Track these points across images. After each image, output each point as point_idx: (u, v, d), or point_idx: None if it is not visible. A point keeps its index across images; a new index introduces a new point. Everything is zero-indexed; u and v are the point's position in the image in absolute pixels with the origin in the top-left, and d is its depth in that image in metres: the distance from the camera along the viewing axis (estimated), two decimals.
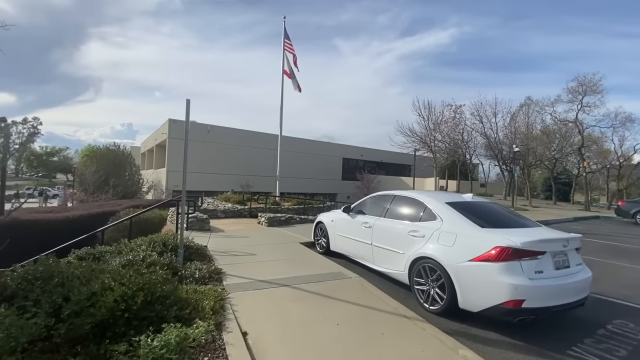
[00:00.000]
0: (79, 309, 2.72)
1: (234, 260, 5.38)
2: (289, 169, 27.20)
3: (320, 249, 6.50)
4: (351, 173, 34.46)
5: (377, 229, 4.87)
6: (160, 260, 4.20)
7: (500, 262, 3.26)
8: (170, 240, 5.09)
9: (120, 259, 3.98)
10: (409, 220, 4.44)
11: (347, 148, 36.52)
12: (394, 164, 39.47)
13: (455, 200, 4.39)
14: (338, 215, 6.03)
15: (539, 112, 28.34)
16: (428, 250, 3.90)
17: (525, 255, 3.28)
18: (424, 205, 4.39)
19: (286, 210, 12.46)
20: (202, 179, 25.46)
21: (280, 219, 9.86)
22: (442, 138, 21.80)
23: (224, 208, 11.99)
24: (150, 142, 32.91)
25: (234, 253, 5.88)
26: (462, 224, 3.83)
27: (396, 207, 4.86)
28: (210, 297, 3.40)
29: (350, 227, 5.57)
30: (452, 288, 3.56)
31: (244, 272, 4.64)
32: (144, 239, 5.11)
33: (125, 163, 24.83)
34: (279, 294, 3.89)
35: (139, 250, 4.59)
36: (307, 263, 5.37)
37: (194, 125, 26.91)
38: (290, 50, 17.17)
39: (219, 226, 9.14)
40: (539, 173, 38.70)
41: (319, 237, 6.64)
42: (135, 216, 7.66)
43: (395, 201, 4.94)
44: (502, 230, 3.67)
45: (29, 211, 8.82)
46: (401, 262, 4.27)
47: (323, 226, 6.49)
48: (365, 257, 5.13)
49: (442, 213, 4.09)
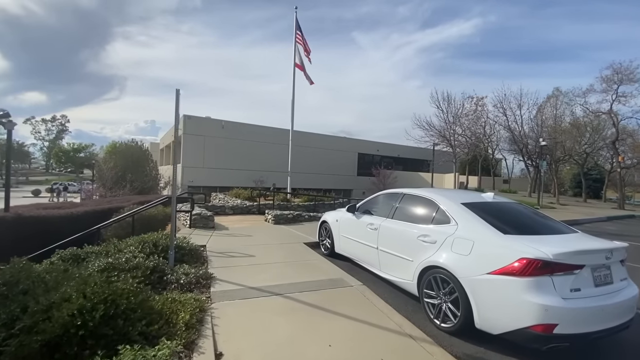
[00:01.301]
0: (32, 323, 2.41)
1: (230, 263, 5.03)
2: (302, 164, 26.84)
3: (325, 251, 6.06)
4: (367, 168, 33.69)
5: (383, 231, 4.37)
6: (145, 264, 3.89)
7: (526, 276, 2.70)
8: (162, 241, 4.78)
9: (100, 262, 3.69)
10: (419, 223, 3.91)
11: (363, 143, 35.73)
12: (412, 159, 38.32)
13: (473, 200, 3.81)
14: (343, 215, 5.55)
15: (568, 103, 26.58)
16: (440, 259, 3.37)
17: (558, 269, 2.70)
18: (436, 206, 3.84)
19: (296, 207, 12.08)
20: (216, 175, 25.56)
21: (287, 217, 9.48)
22: (463, 132, 20.70)
23: (232, 204, 11.75)
24: (167, 138, 33.42)
25: (232, 254, 5.53)
26: (480, 229, 3.28)
27: (405, 207, 4.33)
28: (189, 308, 3.03)
29: (355, 228, 5.09)
30: (468, 304, 3.03)
31: (236, 277, 4.27)
32: (136, 239, 4.84)
33: (143, 159, 25.22)
34: (268, 304, 3.48)
35: (126, 251, 4.30)
36: (307, 267, 4.95)
37: (208, 121, 27.09)
38: (301, 42, 16.67)
39: (225, 223, 8.87)
40: (567, 168, 36.54)
41: (324, 237, 6.20)
42: (137, 213, 7.48)
43: (404, 200, 4.41)
44: (529, 238, 3.09)
45: (37, 207, 8.86)
46: (409, 271, 3.76)
47: (328, 226, 6.04)
48: (371, 262, 4.64)
49: (457, 215, 3.54)
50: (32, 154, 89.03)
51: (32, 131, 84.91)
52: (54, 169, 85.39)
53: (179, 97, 4.58)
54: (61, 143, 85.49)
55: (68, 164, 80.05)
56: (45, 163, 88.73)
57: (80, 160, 77.52)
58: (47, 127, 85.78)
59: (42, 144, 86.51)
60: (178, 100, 4.50)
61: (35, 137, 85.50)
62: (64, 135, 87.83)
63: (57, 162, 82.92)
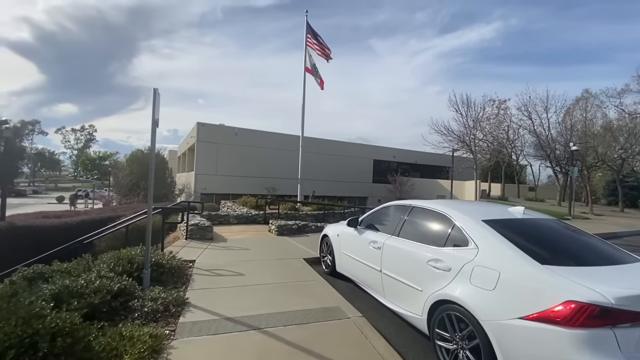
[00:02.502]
0: None
1: (214, 283, 4.45)
2: (315, 171, 26.29)
3: (326, 269, 5.39)
4: (383, 175, 32.71)
5: (387, 251, 3.67)
6: (109, 286, 3.37)
7: (576, 327, 1.95)
8: (139, 258, 4.28)
9: (54, 285, 3.19)
10: (429, 244, 3.20)
11: (378, 149, 34.81)
12: (430, 165, 36.97)
13: (498, 216, 3.06)
14: (344, 229, 4.88)
15: (599, 106, 24.75)
16: (455, 292, 2.65)
17: (623, 318, 1.94)
18: (450, 223, 3.12)
19: (304, 217, 11.47)
20: (229, 182, 25.40)
21: (291, 227, 8.88)
22: (484, 136, 19.48)
23: (237, 213, 11.29)
24: (184, 146, 33.84)
25: (220, 271, 4.96)
26: (508, 256, 2.53)
27: (414, 223, 3.62)
28: (137, 349, 2.45)
29: (357, 246, 4.41)
30: (492, 355, 2.29)
31: (215, 303, 3.68)
32: (112, 255, 4.36)
33: (159, 166, 25.50)
34: (242, 343, 2.85)
35: (94, 270, 3.82)
36: (301, 290, 4.29)
37: (221, 128, 27.10)
38: (312, 45, 16.25)
39: (225, 234, 8.37)
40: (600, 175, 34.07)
41: (325, 253, 5.54)
42: (131, 223, 7.08)
43: (413, 214, 3.70)
44: (577, 270, 2.32)
45: (37, 215, 8.69)
46: (418, 303, 3.05)
47: (328, 240, 5.38)
48: (374, 287, 3.94)
49: (478, 236, 2.81)
50: (62, 162, 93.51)
51: (63, 140, 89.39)
52: (81, 176, 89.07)
53: (158, 98, 4.12)
54: (88, 151, 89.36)
55: (94, 171, 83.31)
56: (73, 170, 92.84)
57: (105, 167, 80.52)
58: (76, 136, 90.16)
59: (71, 152, 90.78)
60: (155, 101, 4.03)
61: (65, 146, 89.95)
62: (91, 144, 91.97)
63: (84, 169, 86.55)
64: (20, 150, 73.36)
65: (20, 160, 74.46)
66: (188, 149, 29.59)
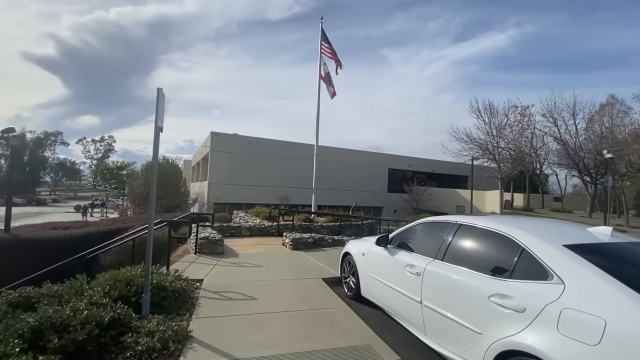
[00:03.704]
0: None
1: (223, 309, 3.88)
2: (329, 180, 25.69)
3: (349, 292, 4.74)
4: (398, 185, 31.80)
5: (430, 278, 3.03)
6: (99, 316, 2.85)
7: None
8: (138, 280, 3.77)
9: (35, 317, 2.69)
10: (489, 274, 2.54)
11: (394, 158, 33.97)
12: (447, 174, 35.82)
13: (582, 240, 2.39)
14: (370, 248, 4.25)
15: (626, 112, 23.36)
16: (536, 344, 1.98)
17: None
18: (517, 247, 2.46)
19: (319, 229, 10.87)
20: (242, 191, 25.10)
21: (307, 241, 8.28)
22: (506, 145, 18.44)
23: (250, 225, 10.81)
24: (198, 156, 33.96)
25: (230, 294, 4.40)
26: (617, 298, 1.86)
27: (462, 245, 2.98)
28: None
29: (388, 269, 3.77)
30: None
31: (223, 338, 3.10)
32: (108, 276, 3.87)
33: (173, 176, 25.45)
34: None
35: (86, 295, 3.32)
36: (322, 321, 3.67)
37: (235, 137, 26.96)
38: (328, 54, 15.89)
39: (236, 248, 7.85)
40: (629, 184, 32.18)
41: (347, 274, 4.90)
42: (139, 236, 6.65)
43: (460, 234, 3.05)
44: None
45: (45, 226, 8.41)
46: (476, 348, 2.39)
47: (351, 260, 4.75)
48: (411, 320, 3.28)
49: (563, 267, 2.15)
50: (82, 172, 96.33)
51: (83, 150, 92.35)
52: (99, 185, 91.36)
53: (163, 98, 3.68)
54: (107, 161, 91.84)
55: (112, 181, 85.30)
56: (92, 180, 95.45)
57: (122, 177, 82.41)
58: (96, 146, 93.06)
59: (91, 162, 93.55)
60: (158, 101, 3.58)
61: (85, 156, 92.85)
62: (110, 154, 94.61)
63: (102, 179, 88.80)
64: (42, 160, 76.06)
65: (42, 170, 77.16)
66: (202, 158, 29.61)
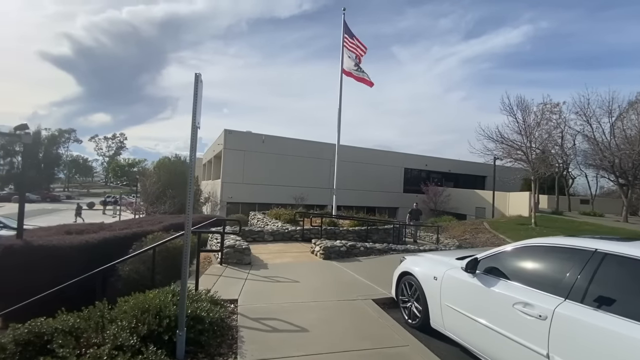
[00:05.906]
0: None
1: (271, 348, 3.16)
2: (344, 180, 24.87)
3: (411, 320, 3.99)
4: (414, 185, 30.85)
5: (565, 327, 2.25)
6: None
7: None
8: (170, 308, 3.08)
9: None
10: None
11: (409, 157, 32.99)
12: (465, 174, 34.71)
13: None
14: (448, 272, 3.48)
15: None
16: None
17: None
18: None
19: (345, 233, 10.13)
20: (256, 191, 24.52)
21: (339, 250, 7.54)
22: (537, 145, 17.31)
23: (272, 229, 10.11)
24: (209, 154, 33.52)
25: (274, 323, 3.69)
26: None
27: (614, 284, 2.19)
28: None
29: (482, 303, 2.99)
30: None
31: None
32: (133, 304, 3.18)
33: (185, 174, 25.01)
34: None
35: (109, 332, 2.64)
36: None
37: (249, 135, 26.34)
38: (351, 47, 15.08)
39: (263, 256, 7.16)
40: None
41: (407, 297, 4.14)
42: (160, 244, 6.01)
43: (605, 267, 2.26)
44: None
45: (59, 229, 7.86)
46: None
47: (414, 282, 3.99)
48: None
49: None
50: (95, 169, 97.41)
51: (96, 147, 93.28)
52: (111, 182, 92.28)
53: (201, 85, 2.98)
54: (118, 159, 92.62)
55: (123, 178, 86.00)
56: (104, 177, 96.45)
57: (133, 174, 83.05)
58: (107, 144, 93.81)
59: (103, 159, 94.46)
60: (196, 87, 2.89)
61: (98, 154, 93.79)
62: (121, 151, 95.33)
63: (114, 175, 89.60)
64: (56, 157, 76.95)
65: (56, 167, 78.12)
66: (214, 156, 29.11)
